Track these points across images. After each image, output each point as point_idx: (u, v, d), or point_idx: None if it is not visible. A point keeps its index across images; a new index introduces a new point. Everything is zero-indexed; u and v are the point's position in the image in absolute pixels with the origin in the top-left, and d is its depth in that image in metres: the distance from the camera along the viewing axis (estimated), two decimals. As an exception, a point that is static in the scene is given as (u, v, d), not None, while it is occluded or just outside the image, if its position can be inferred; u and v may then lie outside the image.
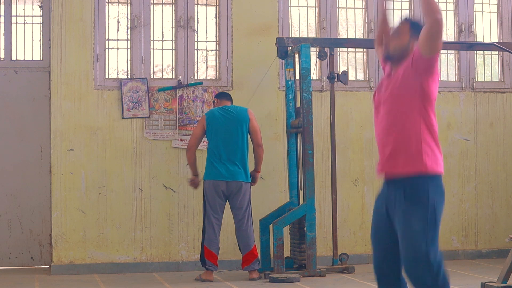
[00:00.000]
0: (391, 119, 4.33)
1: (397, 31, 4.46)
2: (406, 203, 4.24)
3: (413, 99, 4.28)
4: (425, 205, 4.21)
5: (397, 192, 4.30)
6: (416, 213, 4.21)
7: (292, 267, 8.19)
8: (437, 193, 4.26)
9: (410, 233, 4.22)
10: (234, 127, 7.88)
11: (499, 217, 9.45)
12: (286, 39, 8.37)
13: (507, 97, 9.54)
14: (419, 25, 4.40)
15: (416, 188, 4.24)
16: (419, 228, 4.20)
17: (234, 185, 7.82)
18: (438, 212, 4.25)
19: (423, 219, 4.21)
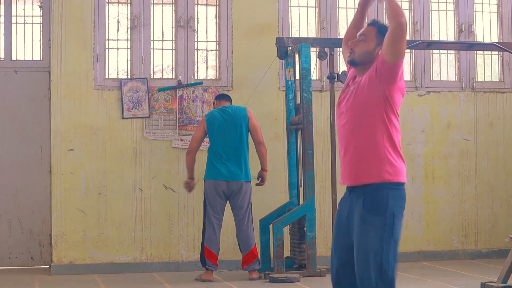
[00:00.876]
0: (353, 127, 4.24)
1: (363, 35, 4.32)
2: (364, 211, 4.16)
3: (376, 108, 4.20)
4: (384, 214, 4.14)
5: (357, 200, 4.21)
6: (373, 222, 4.14)
7: (292, 267, 8.19)
8: (397, 205, 4.19)
9: (366, 242, 4.14)
10: (233, 127, 7.89)
11: (499, 217, 9.45)
12: (286, 39, 8.37)
13: (507, 97, 9.54)
14: (385, 29, 4.24)
15: (375, 197, 4.16)
16: (374, 238, 4.13)
17: (235, 185, 7.82)
18: (396, 224, 4.20)
19: (380, 229, 4.14)
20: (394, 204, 4.16)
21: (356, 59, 4.31)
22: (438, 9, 9.52)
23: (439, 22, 9.54)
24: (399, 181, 4.20)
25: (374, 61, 4.26)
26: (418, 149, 9.27)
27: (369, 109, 4.20)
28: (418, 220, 9.24)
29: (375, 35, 4.29)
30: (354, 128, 4.24)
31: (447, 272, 8.33)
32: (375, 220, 4.14)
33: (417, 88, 9.33)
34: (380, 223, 4.14)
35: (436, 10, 9.51)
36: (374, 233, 4.14)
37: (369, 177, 4.18)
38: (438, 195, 9.30)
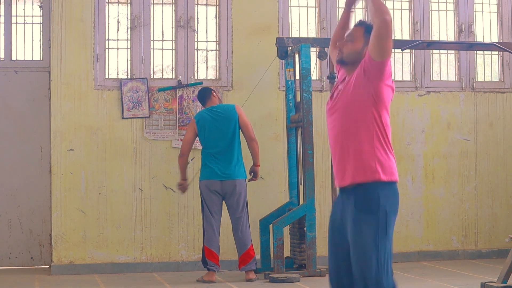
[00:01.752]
0: (342, 127, 4.24)
1: (351, 35, 4.34)
2: (356, 211, 4.15)
3: (366, 106, 4.18)
4: (376, 213, 4.12)
5: (349, 200, 4.21)
6: (367, 221, 4.12)
7: (292, 267, 8.19)
8: (389, 203, 4.16)
9: (361, 241, 4.13)
10: (224, 126, 7.87)
11: (499, 217, 9.45)
12: (286, 39, 8.37)
13: (507, 97, 9.54)
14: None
15: (366, 196, 4.15)
16: (369, 237, 4.12)
17: (229, 184, 7.81)
18: (389, 222, 4.16)
19: (374, 227, 4.12)
20: (386, 202, 4.14)
21: (345, 58, 4.33)
22: (438, 9, 9.52)
23: (439, 22, 9.54)
24: (390, 180, 4.20)
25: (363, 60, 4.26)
26: (418, 149, 9.27)
27: (358, 108, 4.20)
28: (418, 220, 9.24)
29: (362, 35, 4.31)
30: (343, 128, 4.24)
31: (447, 272, 8.33)
32: (368, 220, 4.13)
33: (417, 88, 9.33)
34: (373, 222, 4.13)
35: (436, 10, 9.52)
36: (368, 232, 4.13)
37: (359, 177, 4.18)
38: (438, 195, 9.30)
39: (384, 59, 4.14)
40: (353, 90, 4.21)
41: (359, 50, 4.29)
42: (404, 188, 9.20)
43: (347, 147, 4.22)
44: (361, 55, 4.28)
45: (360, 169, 4.17)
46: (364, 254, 4.14)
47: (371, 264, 4.13)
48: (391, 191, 4.19)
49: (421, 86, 9.35)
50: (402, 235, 9.16)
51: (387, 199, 4.16)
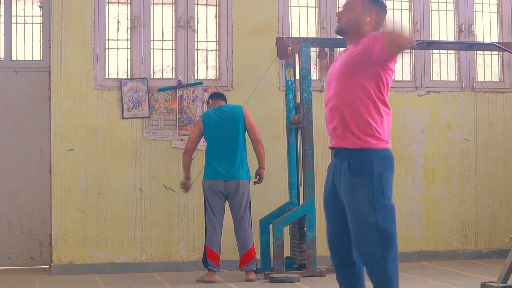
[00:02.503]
0: (341, 93, 4.28)
1: (349, 3, 4.37)
2: (351, 175, 4.18)
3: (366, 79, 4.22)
4: (370, 175, 4.14)
5: (342, 164, 4.24)
6: (362, 184, 4.15)
7: (292, 267, 8.19)
8: (383, 163, 4.20)
9: (357, 204, 4.15)
10: (230, 126, 7.87)
11: (499, 217, 9.45)
12: (286, 39, 8.37)
13: (507, 97, 9.54)
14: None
15: (359, 160, 4.19)
16: (366, 198, 4.13)
17: (232, 185, 7.81)
18: (385, 181, 4.17)
19: (370, 189, 4.14)
20: (380, 163, 4.17)
21: (344, 27, 4.36)
22: (438, 9, 9.52)
23: (439, 22, 9.54)
24: (383, 147, 4.24)
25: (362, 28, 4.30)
26: (418, 149, 9.27)
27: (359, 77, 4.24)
28: (418, 220, 9.24)
29: (361, 3, 4.34)
30: (342, 94, 4.27)
31: (447, 272, 8.33)
32: (362, 182, 4.15)
33: (417, 88, 9.33)
34: (368, 184, 4.15)
35: (436, 10, 9.52)
36: (364, 194, 4.14)
37: (353, 142, 4.21)
38: (438, 195, 9.30)
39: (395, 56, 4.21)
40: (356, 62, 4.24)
41: (358, 17, 4.33)
42: (404, 188, 9.20)
43: (343, 112, 4.26)
44: (360, 23, 4.31)
45: (353, 135, 4.21)
46: (361, 218, 4.13)
47: (369, 228, 4.11)
48: (385, 155, 4.23)
49: (421, 86, 9.35)
50: (402, 235, 9.16)
51: (381, 160, 4.19)
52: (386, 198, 4.16)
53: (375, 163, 4.18)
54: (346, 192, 4.19)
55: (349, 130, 4.23)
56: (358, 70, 4.24)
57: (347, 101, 4.24)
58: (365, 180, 4.14)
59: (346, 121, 4.24)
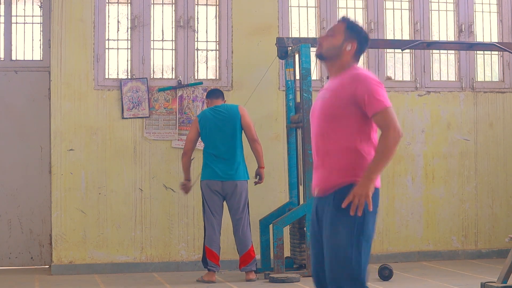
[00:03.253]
0: (326, 129, 4.22)
1: (332, 30, 4.35)
2: (334, 210, 4.14)
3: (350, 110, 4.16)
4: (354, 215, 4.07)
5: (327, 200, 4.19)
6: (343, 220, 4.10)
7: (292, 267, 8.19)
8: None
9: (334, 239, 4.12)
10: (226, 126, 7.86)
11: (499, 217, 9.45)
12: (286, 39, 8.37)
13: (507, 97, 9.54)
14: (355, 26, 4.31)
15: (344, 196, 4.11)
16: (343, 235, 4.10)
17: (230, 185, 7.80)
18: (367, 222, 4.13)
19: (350, 226, 4.09)
20: (365, 207, 4.09)
21: (324, 53, 4.33)
22: (438, 9, 9.52)
23: (439, 22, 9.54)
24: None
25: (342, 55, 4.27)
26: (418, 149, 9.27)
27: (343, 111, 4.17)
28: (418, 220, 9.24)
29: (343, 30, 4.31)
30: (326, 131, 4.22)
31: (447, 272, 8.33)
32: (344, 218, 4.11)
33: (417, 88, 9.33)
34: (349, 221, 4.10)
35: (436, 10, 9.52)
36: (344, 230, 4.11)
37: (340, 179, 4.16)
38: (438, 195, 9.30)
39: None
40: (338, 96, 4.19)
41: (339, 44, 4.29)
42: (404, 188, 9.20)
43: (329, 151, 4.20)
44: (341, 50, 4.28)
45: (341, 173, 4.16)
46: (336, 252, 4.12)
47: (344, 264, 4.10)
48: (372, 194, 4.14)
49: (421, 86, 9.35)
50: (402, 235, 9.16)
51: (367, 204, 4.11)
52: (365, 238, 4.15)
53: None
54: (326, 225, 4.19)
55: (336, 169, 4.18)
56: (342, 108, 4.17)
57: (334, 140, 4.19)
58: (347, 217, 4.11)
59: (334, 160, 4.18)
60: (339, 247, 4.12)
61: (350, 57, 4.31)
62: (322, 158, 4.25)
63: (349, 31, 4.29)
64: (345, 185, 4.14)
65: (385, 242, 9.13)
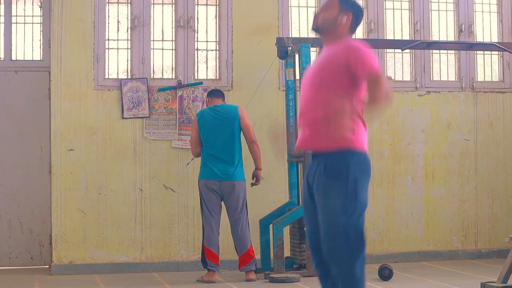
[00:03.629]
0: (317, 94, 4.29)
1: (326, 4, 4.43)
2: (326, 177, 4.19)
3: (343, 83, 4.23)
4: (345, 179, 4.15)
5: (319, 166, 4.25)
6: (335, 187, 4.16)
7: (292, 267, 8.19)
8: (359, 168, 4.20)
9: (328, 207, 4.17)
10: (224, 126, 7.86)
11: (499, 217, 9.45)
12: (286, 39, 8.37)
13: (507, 97, 9.54)
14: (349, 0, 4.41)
15: (336, 162, 4.19)
16: (337, 202, 4.15)
17: (227, 185, 7.80)
18: (359, 187, 4.19)
19: (343, 193, 4.15)
20: (356, 169, 4.18)
21: (320, 25, 4.40)
22: (438, 9, 9.52)
23: (439, 22, 9.54)
24: (361, 149, 4.25)
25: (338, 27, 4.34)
26: (418, 149, 9.27)
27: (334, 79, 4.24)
28: (418, 220, 9.24)
29: (337, 4, 4.39)
30: (317, 96, 4.28)
31: (447, 272, 8.33)
32: (337, 186, 4.16)
33: (417, 88, 9.33)
34: (342, 188, 4.16)
35: (436, 10, 9.52)
36: (337, 197, 4.16)
37: (330, 144, 4.21)
38: (438, 195, 9.30)
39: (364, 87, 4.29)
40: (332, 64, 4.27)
41: (334, 17, 4.37)
42: (404, 188, 9.20)
43: (319, 114, 4.25)
44: (336, 22, 4.35)
45: (331, 137, 4.21)
46: (331, 221, 4.14)
47: (340, 231, 4.12)
48: (362, 159, 4.24)
49: (421, 86, 9.35)
50: (402, 235, 9.16)
51: (357, 166, 4.20)
52: (359, 203, 4.18)
53: (351, 167, 4.20)
54: (319, 194, 4.22)
55: (326, 132, 4.22)
56: (334, 75, 4.24)
57: (324, 104, 4.24)
58: (339, 184, 4.16)
59: (323, 123, 4.23)
60: (334, 215, 4.15)
61: (345, 29, 4.40)
62: (309, 122, 4.31)
63: (343, 4, 4.39)
64: (334, 151, 4.20)
65: (385, 242, 9.13)
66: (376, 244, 9.07)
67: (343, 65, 4.21)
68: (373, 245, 9.07)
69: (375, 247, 9.08)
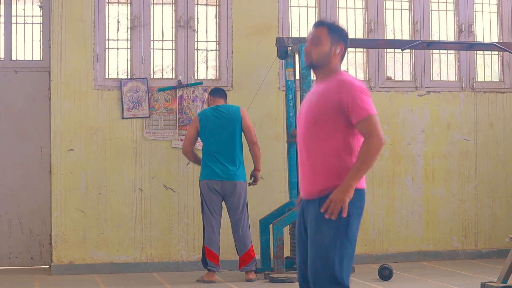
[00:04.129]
0: (310, 137, 4.23)
1: (316, 38, 4.29)
2: (319, 213, 4.14)
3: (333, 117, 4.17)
4: (338, 216, 4.10)
5: (313, 203, 4.21)
6: (327, 223, 4.11)
7: (292, 267, 8.19)
8: (353, 203, 4.13)
9: (318, 239, 4.14)
10: (226, 126, 7.86)
11: (499, 217, 9.45)
12: (286, 39, 8.37)
13: (507, 97, 9.54)
14: (336, 28, 4.30)
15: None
16: (328, 236, 4.11)
17: (229, 185, 7.80)
18: (351, 224, 4.14)
19: (334, 228, 4.11)
20: (350, 205, 4.12)
21: (315, 62, 4.30)
22: (438, 9, 9.52)
23: (439, 22, 9.54)
24: (357, 187, 4.17)
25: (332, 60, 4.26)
26: (418, 149, 9.27)
27: (328, 116, 4.18)
28: (418, 220, 9.24)
29: (327, 35, 4.28)
30: (311, 137, 4.23)
31: (447, 272, 8.33)
32: (328, 220, 4.11)
33: (417, 88, 9.33)
34: (333, 223, 4.12)
35: (436, 10, 9.52)
36: (327, 232, 4.13)
37: (326, 184, 4.17)
38: (438, 195, 9.30)
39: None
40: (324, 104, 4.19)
41: (328, 51, 4.27)
42: (404, 188, 9.20)
43: (314, 156, 4.21)
44: (330, 56, 4.27)
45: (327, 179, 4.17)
46: (319, 253, 4.14)
47: (326, 265, 4.12)
48: (358, 194, 4.17)
49: (421, 86, 9.35)
50: (402, 235, 9.16)
51: (353, 202, 4.13)
52: (348, 240, 4.16)
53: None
54: (311, 225, 4.21)
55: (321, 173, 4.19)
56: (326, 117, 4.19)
57: (318, 146, 4.21)
58: (331, 219, 4.12)
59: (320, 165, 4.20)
60: (322, 248, 4.14)
61: (338, 61, 4.32)
62: (307, 161, 4.27)
63: (334, 35, 4.28)
64: (330, 190, 4.15)
65: (385, 242, 9.13)
66: (376, 244, 9.07)
67: (336, 102, 4.15)
68: (373, 245, 9.08)
69: (375, 247, 9.08)
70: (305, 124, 4.28)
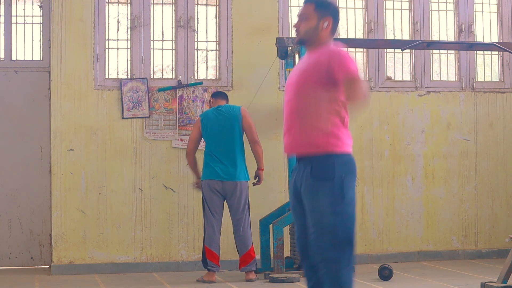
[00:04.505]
0: (300, 102, 4.35)
1: (303, 14, 4.42)
2: (313, 179, 4.25)
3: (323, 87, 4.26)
4: (332, 180, 4.21)
5: (305, 169, 4.31)
6: (323, 188, 4.22)
7: (292, 267, 8.19)
8: (345, 169, 4.25)
9: (317, 208, 4.22)
10: (227, 126, 7.87)
11: (499, 217, 9.45)
12: (286, 39, 8.36)
13: (507, 97, 9.54)
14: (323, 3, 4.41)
15: (322, 164, 4.25)
16: (325, 202, 4.20)
17: (230, 185, 7.80)
18: (346, 187, 4.23)
19: (330, 193, 4.20)
20: (342, 169, 4.23)
21: (303, 37, 4.43)
22: (438, 9, 9.52)
23: (439, 22, 9.54)
24: (344, 152, 4.29)
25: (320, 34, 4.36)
26: (418, 149, 9.27)
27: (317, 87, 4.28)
28: (418, 220, 9.23)
29: (314, 10, 4.40)
30: (301, 103, 4.34)
31: (447, 272, 8.33)
32: (324, 186, 4.22)
33: (417, 88, 9.33)
34: (329, 188, 4.22)
35: (436, 10, 9.52)
36: (324, 198, 4.21)
37: (315, 148, 4.27)
38: (438, 195, 9.30)
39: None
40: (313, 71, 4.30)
41: (315, 25, 4.39)
42: (404, 188, 9.20)
43: (303, 121, 4.32)
44: (318, 29, 4.38)
45: (315, 142, 4.28)
46: (319, 221, 4.19)
47: (329, 232, 4.16)
48: (347, 161, 4.29)
49: (421, 86, 9.35)
50: (402, 235, 9.16)
51: (343, 166, 4.25)
52: (346, 203, 4.22)
53: (337, 168, 4.25)
54: (307, 196, 4.28)
55: (310, 138, 4.28)
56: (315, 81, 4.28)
57: (307, 108, 4.31)
58: (326, 185, 4.22)
59: (307, 127, 4.29)
60: (323, 215, 4.20)
61: (327, 34, 4.43)
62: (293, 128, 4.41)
63: (321, 9, 4.39)
64: (318, 155, 4.25)
65: (385, 242, 9.13)
66: (376, 244, 9.07)
67: (324, 70, 4.25)
68: (373, 245, 9.08)
69: (375, 247, 9.08)
70: (294, 91, 4.39)
